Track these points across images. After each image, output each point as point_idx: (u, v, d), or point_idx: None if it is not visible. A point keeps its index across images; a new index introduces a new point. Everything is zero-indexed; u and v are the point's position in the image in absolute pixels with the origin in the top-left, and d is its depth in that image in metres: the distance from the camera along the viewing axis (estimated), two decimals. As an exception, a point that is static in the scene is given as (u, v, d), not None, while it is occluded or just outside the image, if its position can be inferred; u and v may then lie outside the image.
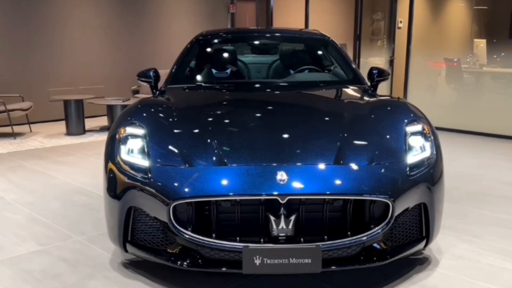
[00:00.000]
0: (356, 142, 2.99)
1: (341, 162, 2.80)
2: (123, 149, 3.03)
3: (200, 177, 2.74)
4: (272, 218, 2.65)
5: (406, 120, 3.19)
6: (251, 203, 2.71)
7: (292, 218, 2.65)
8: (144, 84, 4.62)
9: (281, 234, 2.66)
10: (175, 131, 3.14)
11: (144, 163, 2.91)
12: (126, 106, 8.04)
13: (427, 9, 10.26)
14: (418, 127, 3.15)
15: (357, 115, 3.32)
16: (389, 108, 3.44)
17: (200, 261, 2.74)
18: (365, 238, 2.72)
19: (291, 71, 4.59)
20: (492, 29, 11.08)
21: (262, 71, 4.75)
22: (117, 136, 3.12)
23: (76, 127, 7.62)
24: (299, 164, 2.78)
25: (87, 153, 6.42)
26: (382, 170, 2.81)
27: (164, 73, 9.79)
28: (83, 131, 7.72)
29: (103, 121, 8.61)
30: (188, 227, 2.73)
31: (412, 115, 3.27)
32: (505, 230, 3.77)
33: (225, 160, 2.81)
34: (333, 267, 2.70)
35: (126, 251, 3.01)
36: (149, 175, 2.82)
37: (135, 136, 3.08)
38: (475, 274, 3.06)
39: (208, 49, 4.83)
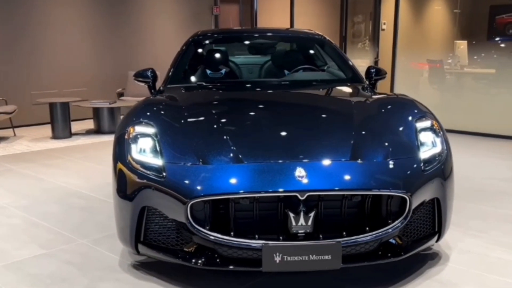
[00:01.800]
0: (369, 138, 3.00)
1: (358, 158, 2.81)
2: (134, 149, 2.98)
3: (218, 174, 2.70)
4: (291, 215, 2.63)
5: (415, 116, 3.21)
6: (269, 200, 2.69)
7: (312, 214, 2.63)
8: (141, 84, 4.53)
9: (300, 231, 2.65)
10: (186, 129, 3.10)
11: (157, 161, 2.87)
12: (112, 108, 7.94)
13: (410, 11, 10.39)
14: (427, 123, 3.17)
15: (366, 111, 3.33)
16: (397, 104, 3.46)
17: (218, 260, 2.70)
18: (384, 233, 2.72)
19: (290, 70, 4.58)
20: (472, 31, 11.30)
21: (261, 70, 4.73)
22: (126, 136, 3.06)
23: (62, 130, 7.47)
24: (316, 160, 2.77)
25: (76, 156, 6.29)
26: (398, 166, 2.82)
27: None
28: (69, 134, 7.57)
29: (89, 124, 8.47)
30: (205, 225, 2.69)
31: (420, 111, 3.30)
32: (508, 225, 3.83)
33: (241, 157, 2.78)
34: (353, 264, 2.70)
35: (138, 252, 2.96)
36: (164, 174, 2.78)
37: (145, 135, 3.03)
38: (486, 267, 3.10)
39: (206, 49, 4.79)
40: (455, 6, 11.75)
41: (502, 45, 11.24)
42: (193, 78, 4.40)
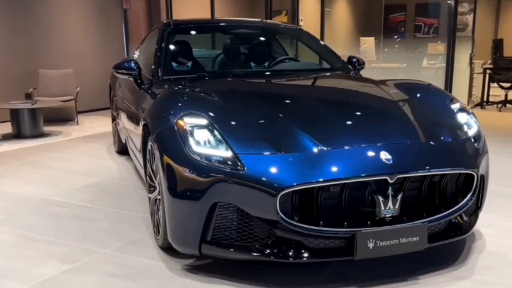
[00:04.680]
0: (425, 120, 3.06)
1: (429, 139, 2.86)
2: (192, 141, 2.72)
3: (306, 162, 2.59)
4: (380, 199, 2.59)
5: (447, 99, 3.36)
6: (357, 185, 2.61)
7: (399, 197, 2.62)
8: (124, 77, 4.16)
9: (387, 215, 2.62)
10: (242, 118, 2.93)
11: (226, 153, 2.66)
12: (34, 110, 7.16)
13: (319, 9, 10.78)
14: (458, 105, 3.34)
15: (400, 96, 3.39)
16: (425, 89, 3.58)
17: (307, 252, 2.58)
18: (458, 210, 2.79)
19: (272, 60, 4.57)
20: (371, 29, 12.10)
21: (247, 60, 4.57)
22: (176, 129, 2.79)
23: (-22, 136, 6.58)
24: (395, 142, 2.77)
25: (15, 163, 5.57)
26: (462, 145, 2.94)
27: (57, 72, 8.91)
28: (-14, 140, 6.69)
29: (4, 128, 7.54)
30: (293, 217, 2.55)
31: (447, 94, 3.46)
32: (505, 199, 4.14)
33: (320, 144, 2.68)
34: (434, 243, 2.74)
35: (201, 253, 2.72)
36: (241, 166, 2.57)
37: (200, 126, 2.79)
38: (519, 237, 3.33)
39: (188, 40, 4.52)
40: (356, 6, 12.45)
41: (398, 41, 12.17)
42: (189, 69, 4.15)
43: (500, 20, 11.56)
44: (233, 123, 2.85)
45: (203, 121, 2.82)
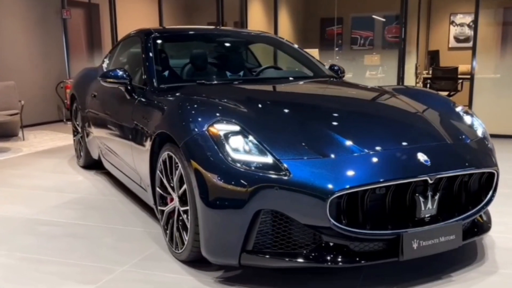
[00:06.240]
0: (443, 123, 3.16)
1: (454, 140, 2.96)
2: (229, 148, 2.63)
3: (350, 165, 2.59)
4: (421, 199, 2.63)
5: (450, 103, 3.50)
6: (399, 187, 2.63)
7: (437, 197, 2.68)
8: (114, 86, 3.95)
9: (427, 215, 2.67)
10: (273, 124, 2.88)
11: (266, 159, 2.60)
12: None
13: (261, 17, 10.89)
14: (461, 108, 3.48)
15: (409, 100, 3.48)
16: (427, 94, 3.71)
17: (355, 256, 2.58)
18: (483, 207, 2.89)
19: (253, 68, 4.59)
20: (310, 41, 12.42)
21: (235, 68, 4.51)
22: (208, 136, 2.69)
23: None
24: (427, 144, 2.83)
25: (-28, 181, 5.13)
26: (481, 144, 3.07)
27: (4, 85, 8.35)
28: None
29: None
30: (341, 221, 2.53)
31: (447, 98, 3.60)
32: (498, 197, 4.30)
33: (360, 147, 2.69)
34: (466, 241, 2.83)
35: (240, 264, 2.63)
36: (285, 171, 2.52)
37: (234, 132, 2.71)
38: (527, 234, 3.51)
39: (174, 48, 4.42)
40: (295, 19, 12.71)
41: (339, 53, 12.56)
42: (184, 77, 4.04)
43: (430, 32, 12.26)
44: (264, 128, 2.80)
45: (236, 127, 2.74)
